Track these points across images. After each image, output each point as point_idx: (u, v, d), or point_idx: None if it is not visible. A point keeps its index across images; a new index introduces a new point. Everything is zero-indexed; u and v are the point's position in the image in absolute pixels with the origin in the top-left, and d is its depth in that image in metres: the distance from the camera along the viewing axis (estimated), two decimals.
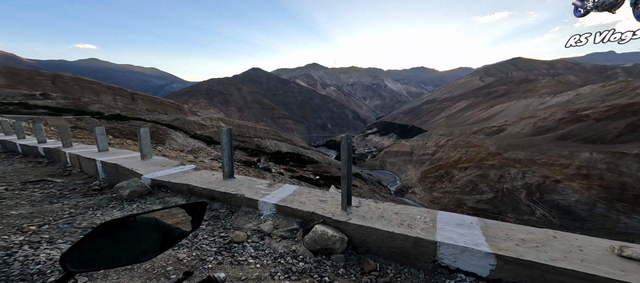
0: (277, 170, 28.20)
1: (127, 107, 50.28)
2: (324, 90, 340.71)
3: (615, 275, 1.50)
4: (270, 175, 18.82)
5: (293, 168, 37.98)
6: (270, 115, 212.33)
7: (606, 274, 1.51)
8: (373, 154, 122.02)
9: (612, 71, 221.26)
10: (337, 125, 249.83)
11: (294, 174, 29.35)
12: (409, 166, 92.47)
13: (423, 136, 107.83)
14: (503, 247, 1.86)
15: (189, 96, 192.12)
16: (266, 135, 71.50)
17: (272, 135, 73.45)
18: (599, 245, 1.89)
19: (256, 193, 3.12)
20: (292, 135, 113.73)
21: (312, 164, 50.04)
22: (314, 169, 44.93)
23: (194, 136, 39.55)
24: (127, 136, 21.66)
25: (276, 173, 22.23)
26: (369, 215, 2.47)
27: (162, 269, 1.92)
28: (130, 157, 5.38)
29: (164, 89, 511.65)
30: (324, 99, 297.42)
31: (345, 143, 2.51)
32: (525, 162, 59.52)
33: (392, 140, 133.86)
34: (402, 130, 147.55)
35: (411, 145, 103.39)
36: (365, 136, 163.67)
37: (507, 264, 1.77)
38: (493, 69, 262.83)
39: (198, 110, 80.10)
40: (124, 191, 3.45)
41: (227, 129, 3.62)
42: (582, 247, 1.87)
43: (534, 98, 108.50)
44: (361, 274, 2.06)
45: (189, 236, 2.48)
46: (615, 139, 57.46)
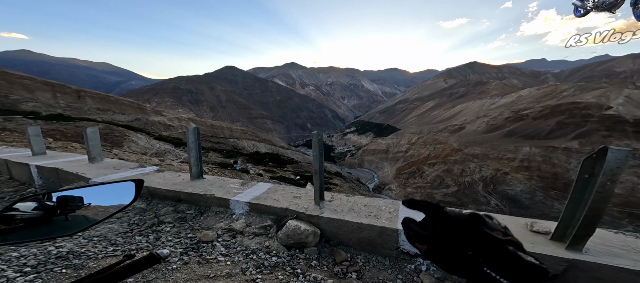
0: (256, 171, 27.27)
1: (72, 106, 44.16)
2: (303, 89, 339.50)
3: (526, 247, 1.80)
4: (248, 176, 18.15)
5: (273, 169, 37.16)
6: (247, 115, 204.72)
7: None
8: (352, 153, 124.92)
9: (545, 76, 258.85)
10: (316, 124, 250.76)
11: (273, 175, 28.68)
12: (386, 163, 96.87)
13: (397, 135, 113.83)
14: None
15: (152, 94, 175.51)
16: (243, 135, 68.78)
17: (249, 136, 70.90)
18: (517, 223, 2.24)
19: (228, 193, 3.04)
20: (270, 135, 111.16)
21: (293, 164, 49.52)
22: (295, 169, 44.53)
23: (160, 138, 36.32)
24: (73, 139, 19.05)
25: (255, 175, 21.49)
26: (340, 209, 2.57)
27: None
28: (75, 160, 4.79)
29: (119, 87, 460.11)
30: (303, 99, 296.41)
31: (316, 139, 2.59)
32: (481, 157, 66.50)
33: (370, 138, 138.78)
34: (378, 129, 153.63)
35: (387, 144, 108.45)
36: (344, 135, 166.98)
37: None
38: (454, 71, 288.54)
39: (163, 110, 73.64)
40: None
41: (194, 128, 3.46)
42: (507, 226, 2.19)
43: (487, 99, 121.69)
44: (333, 265, 2.15)
45: (150, 238, 2.33)
46: (548, 134, 67.30)
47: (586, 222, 1.52)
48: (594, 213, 1.46)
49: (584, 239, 1.60)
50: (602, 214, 1.45)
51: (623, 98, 68.17)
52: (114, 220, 2.70)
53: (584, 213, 1.51)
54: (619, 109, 63.41)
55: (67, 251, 2.05)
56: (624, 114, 61.01)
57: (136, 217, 2.80)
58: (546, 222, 2.13)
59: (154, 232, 2.51)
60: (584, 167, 1.59)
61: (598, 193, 1.44)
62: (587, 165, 1.58)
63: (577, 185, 1.63)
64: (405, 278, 1.98)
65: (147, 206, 3.07)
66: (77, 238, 2.27)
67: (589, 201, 1.49)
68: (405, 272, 2.06)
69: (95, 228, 2.41)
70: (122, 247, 2.20)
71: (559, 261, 1.63)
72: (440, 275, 1.95)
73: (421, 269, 2.04)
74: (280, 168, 42.11)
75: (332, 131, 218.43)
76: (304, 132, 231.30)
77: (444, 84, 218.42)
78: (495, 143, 70.60)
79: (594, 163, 1.55)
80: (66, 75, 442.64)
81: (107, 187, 0.83)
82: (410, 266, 2.10)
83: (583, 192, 1.61)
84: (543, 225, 2.04)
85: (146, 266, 0.63)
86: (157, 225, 2.64)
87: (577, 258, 1.60)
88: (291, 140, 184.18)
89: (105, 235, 2.38)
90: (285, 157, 56.55)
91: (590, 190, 1.53)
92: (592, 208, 1.47)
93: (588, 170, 1.58)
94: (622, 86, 75.69)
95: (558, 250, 1.71)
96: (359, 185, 60.84)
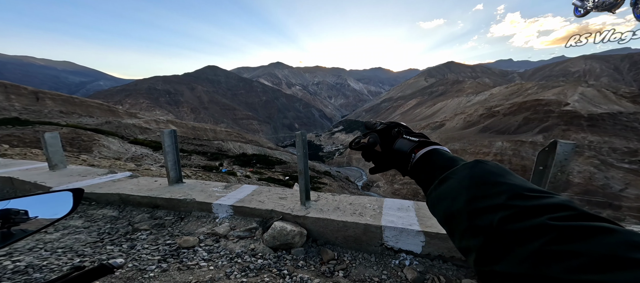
0: (243, 173, 26.53)
1: (29, 109, 40.17)
2: (290, 89, 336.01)
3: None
4: (235, 179, 17.58)
5: (260, 171, 36.44)
6: (231, 116, 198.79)
7: None
8: (340, 152, 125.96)
9: (512, 75, 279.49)
10: (304, 124, 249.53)
11: (262, 176, 28.07)
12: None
13: None
14: (428, 224, 2.15)
15: (124, 95, 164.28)
16: (228, 137, 66.69)
17: (235, 137, 68.91)
18: None
19: (209, 197, 2.92)
20: (257, 136, 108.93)
21: (281, 165, 48.90)
22: (283, 170, 44.03)
23: (135, 141, 34.13)
24: (33, 145, 17.31)
25: (242, 177, 20.88)
26: (326, 208, 2.57)
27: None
28: (34, 168, 4.37)
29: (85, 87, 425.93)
30: (290, 99, 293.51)
31: (299, 139, 2.56)
32: (460, 152, 70.18)
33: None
34: (365, 127, 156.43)
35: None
36: (332, 134, 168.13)
37: (431, 239, 2.04)
38: (434, 70, 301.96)
39: (138, 112, 69.17)
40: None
41: (170, 130, 3.28)
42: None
43: (463, 97, 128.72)
44: (320, 264, 2.14)
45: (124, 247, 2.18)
46: (516, 129, 72.71)
47: None
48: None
49: None
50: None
51: (578, 95, 75.48)
52: (81, 229, 2.49)
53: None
54: (575, 105, 70.14)
55: (26, 265, 1.86)
56: (579, 110, 67.58)
57: (107, 225, 2.60)
58: None
59: (127, 240, 2.34)
60: (539, 160, 1.69)
61: (551, 183, 1.55)
62: (541, 158, 1.67)
63: (534, 177, 1.73)
64: (390, 273, 2.03)
65: (120, 214, 2.87)
66: (38, 250, 2.07)
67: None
68: (390, 267, 2.11)
69: (29, 240, 2.18)
70: (91, 258, 2.03)
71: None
72: (422, 269, 2.02)
73: (405, 264, 2.10)
74: (269, 169, 41.48)
75: (320, 130, 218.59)
76: (292, 132, 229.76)
77: (425, 83, 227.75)
78: (472, 138, 74.97)
79: (547, 156, 1.65)
80: (20, 74, 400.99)
81: (38, 198, 0.71)
82: (394, 261, 2.14)
83: (539, 182, 1.69)
84: None
85: (96, 277, 0.58)
86: (132, 233, 2.47)
87: None
88: (279, 140, 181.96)
89: (71, 246, 2.19)
90: (273, 158, 55.79)
91: (544, 181, 1.63)
92: None
93: (542, 162, 1.67)
94: (577, 84, 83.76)
95: None
96: (348, 183, 61.62)
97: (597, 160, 52.38)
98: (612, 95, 75.59)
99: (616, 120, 62.54)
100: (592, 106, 69.73)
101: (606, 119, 62.99)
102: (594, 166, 51.57)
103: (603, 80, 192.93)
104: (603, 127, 60.62)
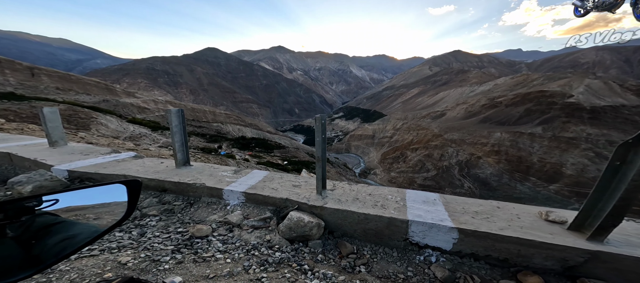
0: (242, 156, 26.53)
1: (25, 85, 39.24)
2: (291, 74, 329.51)
3: (546, 238, 1.76)
4: (234, 162, 17.57)
5: (259, 154, 36.43)
6: (231, 99, 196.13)
7: (541, 238, 1.75)
8: (340, 138, 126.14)
9: (519, 66, 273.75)
10: (304, 109, 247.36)
11: (260, 160, 28.09)
12: (371, 149, 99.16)
13: (383, 120, 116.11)
14: (462, 221, 2.01)
15: (122, 75, 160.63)
16: (227, 120, 66.04)
17: (234, 120, 68.26)
18: (530, 212, 2.20)
19: (220, 182, 2.77)
20: (257, 120, 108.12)
21: (280, 149, 48.90)
22: (282, 155, 44.09)
23: (133, 121, 33.71)
24: (30, 120, 17.01)
25: (241, 160, 20.89)
26: (344, 198, 2.43)
27: (98, 277, 1.53)
28: (33, 143, 4.19)
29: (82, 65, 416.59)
30: (291, 83, 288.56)
31: (319, 123, 2.36)
32: (458, 142, 70.20)
33: (357, 124, 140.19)
34: (365, 114, 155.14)
35: (373, 129, 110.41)
36: (332, 120, 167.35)
37: (466, 237, 1.91)
38: (439, 59, 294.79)
39: (136, 92, 67.93)
40: (24, 187, 2.61)
41: (178, 110, 3.07)
42: (519, 215, 2.13)
43: (467, 87, 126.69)
44: (340, 258, 2.03)
45: (133, 234, 2.05)
46: (517, 121, 72.25)
47: (614, 212, 1.46)
48: (625, 203, 1.41)
49: (609, 230, 1.55)
50: (632, 204, 1.40)
51: (583, 87, 74.32)
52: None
53: (613, 203, 1.45)
54: (579, 98, 69.25)
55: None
56: (582, 102, 66.79)
57: None
58: (561, 211, 2.12)
59: (136, 226, 2.21)
60: (617, 154, 1.49)
61: (633, 181, 1.36)
62: (620, 152, 1.47)
63: (606, 174, 1.54)
64: (416, 270, 1.92)
65: None
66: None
67: (622, 190, 1.41)
68: (415, 263, 2.00)
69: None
70: (100, 246, 1.90)
71: (581, 253, 1.59)
72: (451, 266, 1.90)
73: (431, 261, 1.98)
74: (268, 153, 41.49)
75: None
76: (292, 117, 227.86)
77: (429, 72, 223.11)
78: (472, 129, 74.66)
79: (628, 149, 1.44)
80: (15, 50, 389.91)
81: (81, 192, 0.54)
82: (418, 257, 2.03)
83: (611, 180, 1.52)
84: (559, 214, 2.01)
85: None
86: (140, 219, 2.34)
87: (599, 249, 1.56)
88: (278, 125, 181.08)
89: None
90: (272, 142, 55.67)
91: (620, 179, 1.45)
92: (624, 197, 1.40)
93: (620, 157, 1.47)
94: (584, 76, 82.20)
95: (579, 241, 1.67)
96: (346, 170, 62.06)
97: (592, 152, 52.61)
98: (618, 88, 74.49)
99: (618, 113, 62.04)
100: (596, 98, 68.88)
101: (608, 112, 62.47)
102: (588, 159, 51.87)
103: (612, 72, 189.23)
104: (603, 120, 60.26)
